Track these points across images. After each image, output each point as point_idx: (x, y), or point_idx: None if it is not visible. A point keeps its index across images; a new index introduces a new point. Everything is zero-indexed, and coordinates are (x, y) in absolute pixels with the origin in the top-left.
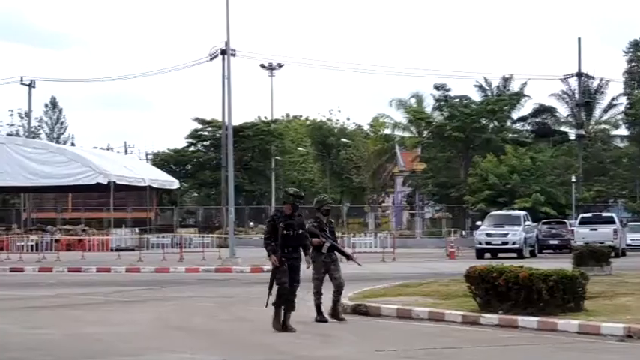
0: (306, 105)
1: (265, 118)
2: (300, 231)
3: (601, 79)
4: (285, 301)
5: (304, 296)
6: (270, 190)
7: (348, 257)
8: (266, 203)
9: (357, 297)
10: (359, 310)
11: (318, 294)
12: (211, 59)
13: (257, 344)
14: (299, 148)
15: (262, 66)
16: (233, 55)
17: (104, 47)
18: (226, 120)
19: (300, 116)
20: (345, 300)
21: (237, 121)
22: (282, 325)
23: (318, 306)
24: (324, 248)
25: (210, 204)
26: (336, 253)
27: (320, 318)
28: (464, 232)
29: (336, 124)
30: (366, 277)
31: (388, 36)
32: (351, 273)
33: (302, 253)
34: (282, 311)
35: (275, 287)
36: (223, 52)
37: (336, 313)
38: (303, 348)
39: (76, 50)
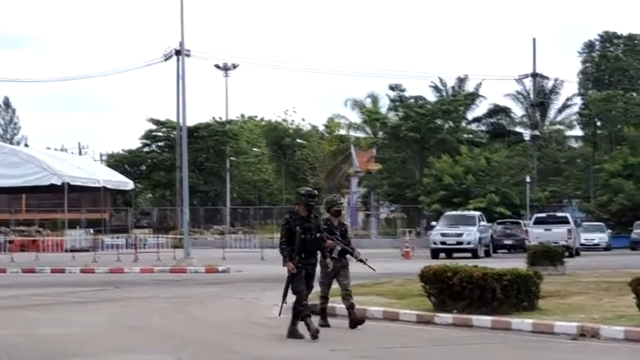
0: (261, 105)
1: (220, 118)
2: (318, 234)
3: (556, 80)
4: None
5: (259, 296)
6: (225, 191)
7: (361, 260)
8: (221, 204)
9: (312, 297)
10: (314, 310)
11: (323, 298)
12: (166, 60)
13: (213, 344)
14: (254, 149)
15: (217, 66)
16: (187, 55)
17: (58, 47)
18: (181, 120)
19: (255, 117)
20: None
21: (191, 122)
22: (291, 332)
23: (323, 310)
24: (335, 252)
25: (165, 205)
26: (347, 257)
27: (324, 322)
28: (419, 232)
29: (291, 124)
30: None
31: (343, 36)
32: None
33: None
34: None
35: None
36: (178, 53)
37: (354, 319)
38: (259, 348)
39: (29, 50)
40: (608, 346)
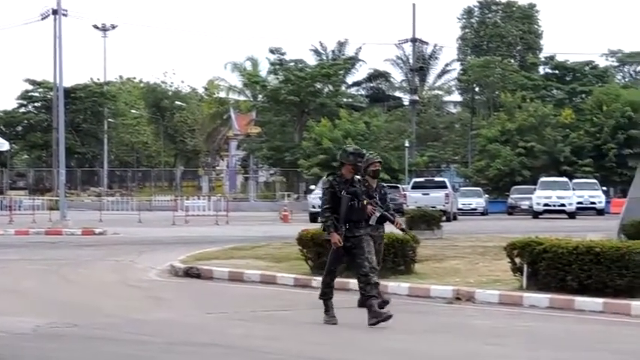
0: (140, 67)
1: (98, 79)
2: (365, 201)
3: (435, 46)
4: (365, 287)
5: (135, 258)
6: (103, 153)
7: (402, 230)
8: (98, 166)
9: (189, 260)
10: (191, 273)
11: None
12: (43, 19)
13: (88, 307)
14: (132, 111)
15: (95, 27)
16: (65, 15)
17: None
18: (57, 81)
19: (134, 78)
20: (176, 263)
21: (69, 83)
22: (372, 318)
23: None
24: (372, 220)
25: (42, 166)
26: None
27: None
28: (298, 196)
29: (171, 86)
30: (199, 240)
31: None
32: (182, 236)
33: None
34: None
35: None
36: (55, 12)
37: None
38: (135, 311)
39: None
40: (482, 310)
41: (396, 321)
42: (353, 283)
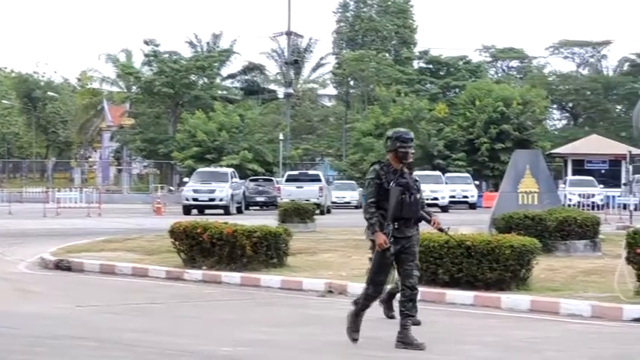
0: (12, 57)
1: None
2: (419, 195)
3: (310, 39)
4: (406, 304)
5: (4, 250)
6: None
7: (441, 229)
8: None
9: (60, 252)
10: (61, 266)
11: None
12: None
13: None
14: (3, 101)
15: None
16: None
17: None
18: None
19: (5, 68)
20: (46, 255)
21: None
22: (402, 340)
23: (390, 295)
24: None
25: None
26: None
27: (388, 313)
28: (171, 189)
29: (43, 77)
30: (71, 233)
31: None
32: (53, 228)
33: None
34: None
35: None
36: None
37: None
38: (3, 304)
39: None
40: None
41: (265, 313)
42: (225, 275)
